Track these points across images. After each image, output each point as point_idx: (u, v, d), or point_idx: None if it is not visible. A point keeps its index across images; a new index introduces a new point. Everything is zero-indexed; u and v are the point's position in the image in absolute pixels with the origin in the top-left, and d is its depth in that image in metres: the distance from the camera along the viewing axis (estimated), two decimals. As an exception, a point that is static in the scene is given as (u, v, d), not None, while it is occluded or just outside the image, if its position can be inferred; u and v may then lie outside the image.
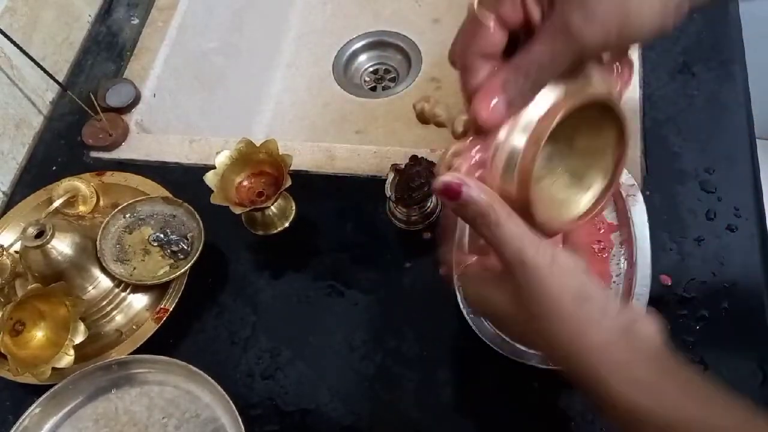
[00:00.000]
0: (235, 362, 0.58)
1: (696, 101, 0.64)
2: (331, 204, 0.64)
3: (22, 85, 0.72)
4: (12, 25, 0.70)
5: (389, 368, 0.55)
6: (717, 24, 0.67)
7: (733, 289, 0.55)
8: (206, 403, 0.54)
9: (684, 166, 0.61)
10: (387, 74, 1.02)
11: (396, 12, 1.04)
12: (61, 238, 0.56)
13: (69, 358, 0.54)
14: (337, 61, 1.02)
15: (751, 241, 0.57)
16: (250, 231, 0.64)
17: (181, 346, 0.59)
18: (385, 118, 0.96)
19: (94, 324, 0.59)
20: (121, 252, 0.60)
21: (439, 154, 0.64)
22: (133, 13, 0.83)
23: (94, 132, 0.71)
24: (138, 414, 0.55)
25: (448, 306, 0.57)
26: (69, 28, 0.80)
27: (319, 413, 0.54)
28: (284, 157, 0.59)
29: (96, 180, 0.67)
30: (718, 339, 0.53)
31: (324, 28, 1.05)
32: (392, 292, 0.59)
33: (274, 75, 1.02)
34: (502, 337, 0.51)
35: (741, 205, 0.58)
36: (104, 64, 0.79)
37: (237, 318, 0.60)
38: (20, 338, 0.55)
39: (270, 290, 0.61)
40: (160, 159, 0.70)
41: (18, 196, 0.70)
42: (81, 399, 0.56)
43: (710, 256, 0.56)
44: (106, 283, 0.59)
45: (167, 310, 0.59)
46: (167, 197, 0.63)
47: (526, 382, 0.53)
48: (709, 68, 0.65)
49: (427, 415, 0.53)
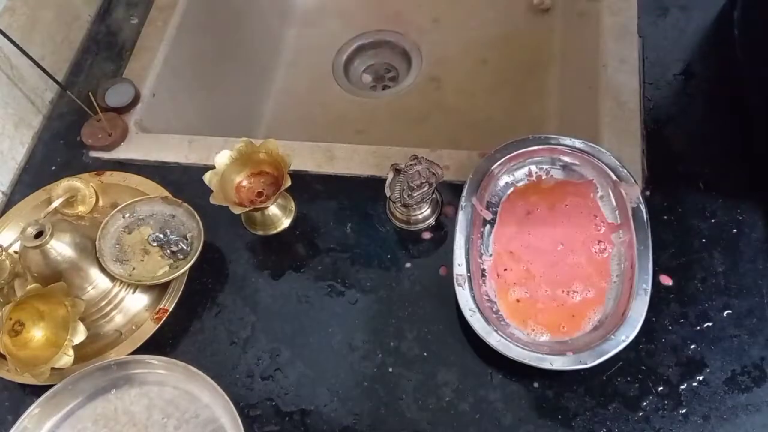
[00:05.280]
0: (235, 362, 0.58)
1: (696, 101, 0.64)
2: (331, 204, 0.64)
3: (22, 84, 0.72)
4: (11, 25, 0.70)
5: (389, 368, 0.55)
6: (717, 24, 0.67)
7: (733, 289, 0.55)
8: (206, 404, 0.54)
9: (684, 165, 0.61)
10: (387, 74, 1.02)
11: (396, 12, 1.04)
12: (61, 238, 0.56)
13: (68, 358, 0.54)
14: (337, 61, 1.02)
15: (752, 240, 0.57)
16: (249, 231, 0.64)
17: (180, 347, 0.59)
18: (385, 118, 0.96)
19: (94, 324, 0.59)
20: (121, 252, 0.60)
21: (439, 153, 0.64)
22: (133, 12, 0.83)
23: (93, 132, 0.71)
24: (137, 414, 0.55)
25: (448, 306, 0.57)
26: (68, 27, 0.79)
27: (319, 413, 0.54)
28: (284, 157, 0.59)
29: (95, 180, 0.67)
30: (718, 339, 0.53)
31: (324, 28, 1.05)
32: (392, 292, 0.59)
33: (274, 75, 1.02)
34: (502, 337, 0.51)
35: (742, 204, 0.58)
36: (103, 63, 0.79)
37: (236, 318, 0.60)
38: (20, 338, 0.55)
39: (270, 290, 0.61)
40: (160, 159, 0.70)
41: (17, 196, 0.70)
42: (80, 399, 0.56)
43: (711, 255, 0.56)
44: (106, 284, 0.59)
45: (167, 311, 0.59)
46: (167, 197, 0.63)
47: (526, 382, 0.53)
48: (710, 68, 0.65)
49: (427, 415, 0.53)
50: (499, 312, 0.55)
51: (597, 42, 0.70)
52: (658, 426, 0.51)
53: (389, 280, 0.59)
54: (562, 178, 0.60)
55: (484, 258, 0.57)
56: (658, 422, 0.51)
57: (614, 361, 0.51)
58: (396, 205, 0.60)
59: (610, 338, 0.50)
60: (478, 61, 0.98)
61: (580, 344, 0.51)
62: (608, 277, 0.55)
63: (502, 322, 0.54)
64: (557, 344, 0.53)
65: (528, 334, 0.54)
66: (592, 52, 0.71)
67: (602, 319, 0.53)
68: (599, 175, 0.58)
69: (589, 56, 0.72)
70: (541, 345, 0.52)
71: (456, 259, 0.55)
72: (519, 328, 0.54)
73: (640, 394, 0.52)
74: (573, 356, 0.50)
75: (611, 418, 0.51)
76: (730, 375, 0.52)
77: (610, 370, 0.53)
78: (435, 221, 0.61)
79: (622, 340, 0.50)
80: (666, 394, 0.52)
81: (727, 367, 0.52)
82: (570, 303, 0.55)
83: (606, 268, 0.55)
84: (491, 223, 0.59)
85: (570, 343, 0.52)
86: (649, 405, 0.51)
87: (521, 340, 0.52)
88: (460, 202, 0.57)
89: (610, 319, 0.52)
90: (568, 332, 0.53)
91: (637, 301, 0.51)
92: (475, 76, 0.98)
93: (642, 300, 0.52)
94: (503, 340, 0.51)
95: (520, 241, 0.58)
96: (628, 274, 0.54)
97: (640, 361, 0.53)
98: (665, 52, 0.67)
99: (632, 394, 0.52)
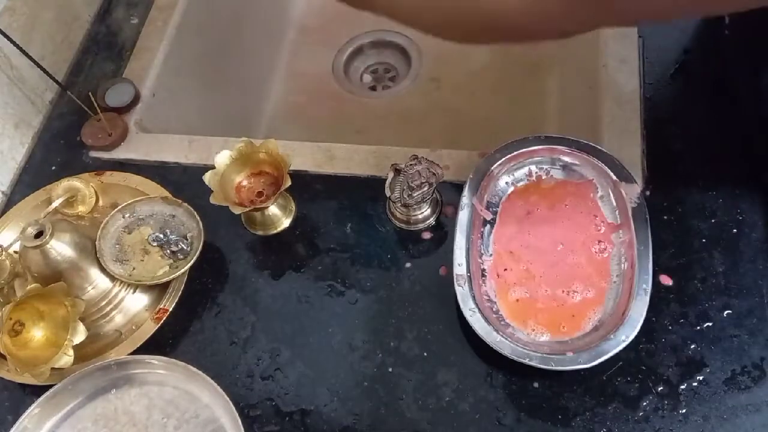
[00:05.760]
0: (235, 362, 0.58)
1: (696, 101, 0.64)
2: (331, 204, 0.64)
3: (22, 84, 0.72)
4: (11, 25, 0.70)
5: (389, 368, 0.55)
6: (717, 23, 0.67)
7: (733, 289, 0.55)
8: (206, 404, 0.54)
9: (684, 165, 0.61)
10: (387, 74, 1.02)
11: (396, 12, 1.04)
12: (61, 238, 0.56)
13: (68, 358, 0.54)
14: (337, 61, 1.02)
15: (752, 240, 0.57)
16: (249, 231, 0.64)
17: (180, 347, 0.59)
18: (385, 118, 0.96)
19: (94, 324, 0.59)
20: (121, 252, 0.60)
21: (439, 153, 0.64)
22: (133, 12, 0.83)
23: (93, 132, 0.71)
24: (137, 414, 0.55)
25: (448, 306, 0.57)
26: (68, 27, 0.79)
27: (319, 413, 0.54)
28: (284, 156, 0.59)
29: (95, 180, 0.67)
30: (718, 339, 0.53)
31: (324, 28, 1.05)
32: (392, 292, 0.59)
33: (274, 75, 1.02)
34: (502, 337, 0.51)
35: (742, 204, 0.58)
36: (103, 63, 0.79)
37: (236, 318, 0.60)
38: (19, 338, 0.55)
39: (270, 290, 0.61)
40: (160, 159, 0.70)
41: (17, 196, 0.70)
42: (80, 399, 0.56)
43: (711, 255, 0.56)
44: (106, 284, 0.59)
45: (167, 311, 0.59)
46: (167, 197, 0.63)
47: (526, 382, 0.53)
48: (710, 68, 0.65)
49: (427, 415, 0.53)
50: (499, 312, 0.55)
51: (597, 42, 0.70)
52: (658, 426, 0.51)
53: (389, 280, 0.59)
54: (562, 178, 0.60)
55: (484, 258, 0.57)
56: (657, 422, 0.51)
57: (614, 361, 0.51)
58: (396, 205, 0.60)
59: (610, 338, 0.50)
60: (478, 61, 0.98)
61: (580, 344, 0.51)
62: (608, 277, 0.55)
63: (502, 322, 0.54)
64: (557, 344, 0.53)
65: (528, 334, 0.54)
66: (592, 52, 0.71)
67: (602, 319, 0.53)
68: (599, 175, 0.58)
69: (589, 56, 0.72)
70: (541, 345, 0.52)
71: (456, 259, 0.55)
72: (519, 328, 0.54)
73: (640, 394, 0.52)
74: (573, 356, 0.50)
75: (611, 418, 0.51)
76: (730, 375, 0.52)
77: (610, 370, 0.53)
78: (435, 221, 0.61)
79: (622, 340, 0.50)
80: (666, 394, 0.52)
81: (727, 367, 0.52)
82: (570, 303, 0.55)
83: (606, 268, 0.55)
84: (491, 223, 0.59)
85: (570, 343, 0.52)
86: (648, 405, 0.51)
87: (521, 340, 0.52)
88: (460, 202, 0.57)
89: (610, 319, 0.52)
90: (568, 332, 0.53)
91: (637, 301, 0.51)
92: (474, 76, 0.98)
93: (642, 300, 0.51)
94: (503, 340, 0.51)
95: (520, 241, 0.58)
96: (628, 274, 0.54)
97: (640, 361, 0.53)
98: (665, 52, 0.67)
99: (632, 394, 0.52)
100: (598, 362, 0.49)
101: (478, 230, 0.58)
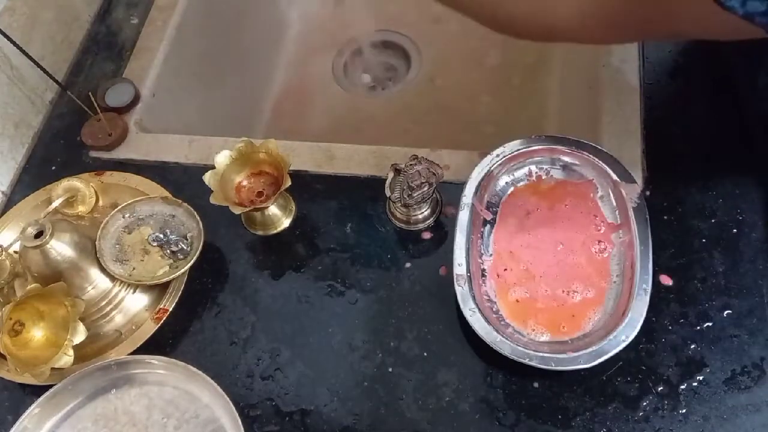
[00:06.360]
0: (235, 362, 0.58)
1: (696, 101, 0.64)
2: (331, 204, 0.64)
3: (22, 84, 0.72)
4: (11, 25, 0.70)
5: (389, 368, 0.55)
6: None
7: (733, 289, 0.55)
8: (206, 404, 0.54)
9: (685, 165, 0.61)
10: (387, 74, 1.02)
11: (396, 12, 1.04)
12: (61, 238, 0.56)
13: (68, 358, 0.54)
14: (336, 61, 1.02)
15: (752, 240, 0.57)
16: (249, 231, 0.64)
17: (180, 347, 0.59)
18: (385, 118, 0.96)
19: (94, 324, 0.59)
20: (121, 252, 0.60)
21: (439, 153, 0.64)
22: (133, 12, 0.83)
23: (93, 132, 0.71)
24: (137, 414, 0.55)
25: (448, 306, 0.57)
26: (68, 27, 0.79)
27: (319, 413, 0.54)
28: (284, 157, 0.59)
29: (95, 180, 0.67)
30: (718, 339, 0.53)
31: (324, 28, 1.05)
32: (392, 292, 0.59)
33: (274, 75, 1.02)
34: (502, 337, 0.51)
35: (742, 204, 0.58)
36: (103, 63, 0.79)
37: (236, 318, 0.60)
38: (20, 338, 0.55)
39: (270, 290, 0.61)
40: (160, 159, 0.70)
41: (17, 196, 0.70)
42: (80, 399, 0.56)
43: (711, 255, 0.56)
44: (106, 284, 0.59)
45: (167, 311, 0.59)
46: (167, 197, 0.63)
47: (526, 382, 0.53)
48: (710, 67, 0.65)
49: (427, 415, 0.53)
50: (499, 312, 0.55)
51: (597, 42, 0.70)
52: (658, 426, 0.51)
53: (389, 280, 0.59)
54: (562, 178, 0.60)
55: (484, 258, 0.57)
56: (657, 422, 0.51)
57: (614, 361, 0.51)
58: (396, 205, 0.60)
59: (610, 338, 0.50)
60: (478, 61, 0.98)
61: (580, 344, 0.51)
62: (608, 277, 0.55)
63: (502, 322, 0.54)
64: (557, 344, 0.53)
65: (528, 334, 0.54)
66: (592, 52, 0.71)
67: (602, 319, 0.53)
68: (599, 175, 0.58)
69: (589, 56, 0.72)
70: (541, 345, 0.52)
71: (456, 259, 0.55)
72: (519, 328, 0.54)
73: (640, 394, 0.52)
74: (573, 356, 0.50)
75: (611, 418, 0.51)
76: (730, 375, 0.52)
77: (610, 370, 0.53)
78: (435, 221, 0.61)
79: (622, 340, 0.50)
80: (666, 394, 0.52)
81: (727, 367, 0.52)
82: (570, 303, 0.55)
83: (606, 268, 0.55)
84: (491, 223, 0.59)
85: (570, 343, 0.52)
86: (648, 405, 0.51)
87: (521, 340, 0.52)
88: (460, 202, 0.57)
89: (610, 319, 0.52)
90: (568, 332, 0.53)
91: (637, 301, 0.51)
92: (475, 76, 0.98)
93: (642, 300, 0.51)
94: (503, 340, 0.51)
95: (520, 241, 0.58)
96: (628, 274, 0.54)
97: (640, 361, 0.53)
98: (665, 52, 0.67)
99: (632, 394, 0.52)
100: (598, 362, 0.49)
101: (478, 230, 0.58)
